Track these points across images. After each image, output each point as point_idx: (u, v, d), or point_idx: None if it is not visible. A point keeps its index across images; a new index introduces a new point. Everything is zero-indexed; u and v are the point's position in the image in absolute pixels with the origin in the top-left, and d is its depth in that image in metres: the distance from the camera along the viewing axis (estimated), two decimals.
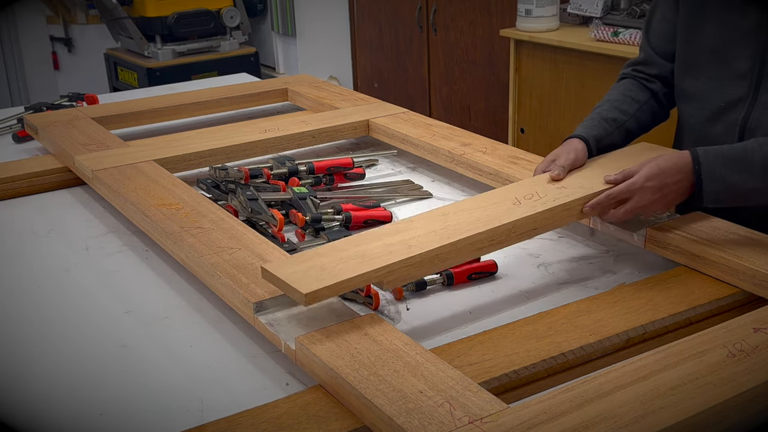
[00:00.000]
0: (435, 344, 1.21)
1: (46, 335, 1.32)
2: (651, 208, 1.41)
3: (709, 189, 1.37)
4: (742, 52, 1.50)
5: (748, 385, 1.02)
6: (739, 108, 1.52)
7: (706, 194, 1.38)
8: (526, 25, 3.39)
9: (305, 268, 1.20)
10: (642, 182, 1.39)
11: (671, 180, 1.38)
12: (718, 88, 1.55)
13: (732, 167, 1.37)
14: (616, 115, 1.64)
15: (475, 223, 1.32)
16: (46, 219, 1.76)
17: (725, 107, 1.54)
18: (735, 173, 1.37)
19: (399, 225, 1.33)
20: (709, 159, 1.38)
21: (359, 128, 2.13)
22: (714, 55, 1.55)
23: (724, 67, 1.54)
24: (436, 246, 1.26)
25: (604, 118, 1.63)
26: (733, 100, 1.53)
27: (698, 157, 1.38)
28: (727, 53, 1.52)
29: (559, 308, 1.29)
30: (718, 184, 1.37)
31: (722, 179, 1.37)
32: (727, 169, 1.37)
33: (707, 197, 1.38)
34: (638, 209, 1.40)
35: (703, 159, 1.38)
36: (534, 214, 1.35)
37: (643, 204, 1.40)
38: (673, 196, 1.39)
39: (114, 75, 5.20)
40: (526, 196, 1.40)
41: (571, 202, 1.39)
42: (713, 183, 1.37)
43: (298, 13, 5.30)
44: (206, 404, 1.12)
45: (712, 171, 1.37)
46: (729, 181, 1.37)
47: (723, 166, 1.37)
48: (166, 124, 2.32)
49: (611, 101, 1.67)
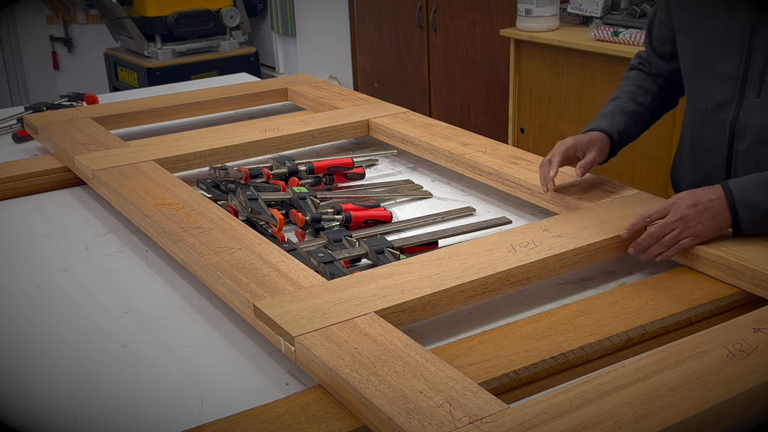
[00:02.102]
0: (435, 344, 1.21)
1: (46, 335, 1.32)
2: (687, 224, 1.37)
3: (745, 216, 1.37)
4: (727, 55, 1.51)
5: (748, 385, 1.02)
6: (727, 109, 1.53)
7: (744, 222, 1.37)
8: (526, 24, 3.39)
9: (298, 309, 1.21)
10: (674, 200, 1.39)
11: (705, 199, 1.37)
12: (705, 91, 1.56)
13: (763, 192, 1.37)
14: (635, 107, 1.67)
15: (469, 270, 1.32)
16: (46, 219, 1.76)
17: (713, 109, 1.55)
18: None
19: (395, 267, 1.33)
20: (740, 188, 1.38)
21: (359, 128, 2.13)
22: (701, 58, 1.56)
23: (710, 69, 1.55)
24: (428, 293, 1.26)
25: (624, 111, 1.66)
26: (720, 102, 1.54)
27: (729, 187, 1.38)
28: (714, 56, 1.53)
29: (559, 308, 1.29)
30: (753, 211, 1.37)
31: (756, 206, 1.37)
32: (759, 195, 1.37)
33: (745, 225, 1.37)
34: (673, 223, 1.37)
35: (734, 188, 1.38)
36: (528, 264, 1.35)
37: (678, 217, 1.37)
38: (709, 217, 1.37)
39: (114, 75, 5.20)
40: (521, 244, 1.40)
41: (565, 253, 1.39)
42: (748, 210, 1.37)
43: (298, 13, 5.30)
44: (206, 404, 1.12)
45: (745, 198, 1.37)
46: (763, 207, 1.36)
47: (755, 193, 1.37)
48: (166, 124, 2.32)
49: (627, 93, 1.70)
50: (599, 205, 1.56)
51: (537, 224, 1.49)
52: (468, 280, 1.29)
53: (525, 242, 1.41)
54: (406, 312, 1.24)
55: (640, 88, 1.71)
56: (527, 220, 1.68)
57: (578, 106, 3.28)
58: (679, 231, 1.37)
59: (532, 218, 1.69)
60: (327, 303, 1.22)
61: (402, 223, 1.65)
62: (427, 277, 1.30)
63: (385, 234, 1.59)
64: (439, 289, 1.27)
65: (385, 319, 1.19)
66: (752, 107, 1.49)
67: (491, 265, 1.34)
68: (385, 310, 1.21)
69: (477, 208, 1.73)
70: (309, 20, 5.28)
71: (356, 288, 1.27)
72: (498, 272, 1.32)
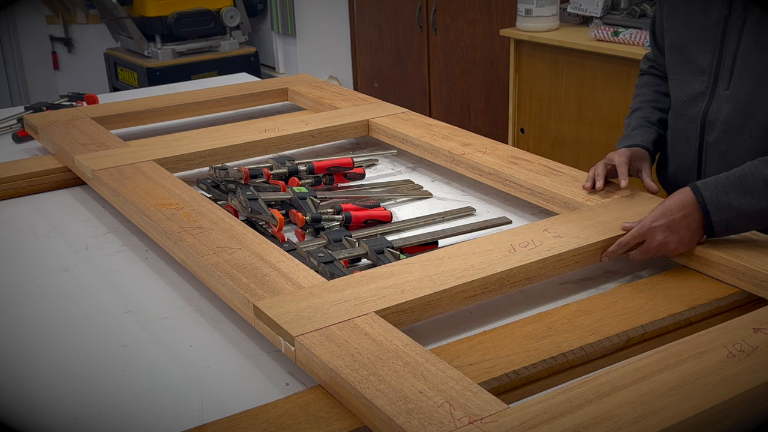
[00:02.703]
0: (435, 344, 1.21)
1: (46, 335, 1.32)
2: (667, 247, 1.38)
3: (718, 219, 1.37)
4: (703, 48, 1.55)
5: (748, 385, 1.02)
6: (699, 102, 1.57)
7: (716, 224, 1.37)
8: (526, 24, 3.39)
9: (298, 309, 1.21)
10: (649, 223, 1.39)
11: (679, 215, 1.37)
12: (682, 83, 1.61)
13: (734, 193, 1.37)
14: (660, 115, 1.71)
15: (469, 270, 1.32)
16: (46, 219, 1.76)
17: (688, 101, 1.60)
18: (739, 197, 1.36)
19: (395, 267, 1.33)
20: (710, 189, 1.37)
21: (359, 128, 2.13)
22: (679, 51, 1.60)
23: (687, 62, 1.59)
24: (427, 293, 1.26)
25: (652, 122, 1.70)
26: (694, 94, 1.58)
27: (699, 190, 1.38)
28: (691, 49, 1.58)
29: (559, 308, 1.29)
30: (725, 213, 1.37)
31: (728, 207, 1.36)
32: (730, 196, 1.37)
33: (718, 227, 1.37)
34: (653, 249, 1.38)
35: (704, 190, 1.38)
36: (528, 264, 1.35)
37: (656, 244, 1.38)
38: (685, 231, 1.37)
39: (114, 75, 5.20)
40: (521, 244, 1.40)
41: (565, 253, 1.39)
42: (720, 212, 1.37)
43: (298, 13, 5.30)
44: (206, 404, 1.12)
45: (716, 200, 1.37)
46: (735, 206, 1.36)
47: (725, 193, 1.37)
48: (166, 124, 2.32)
49: (647, 102, 1.73)
50: (599, 205, 1.56)
51: (537, 224, 1.49)
52: (468, 280, 1.29)
53: (525, 242, 1.41)
54: (406, 312, 1.24)
55: (658, 93, 1.74)
56: (527, 220, 1.68)
57: (578, 106, 3.28)
58: (661, 254, 1.39)
59: (532, 218, 1.69)
60: (327, 303, 1.22)
61: (402, 223, 1.65)
62: (427, 277, 1.30)
63: (385, 234, 1.59)
64: (439, 289, 1.27)
65: (385, 319, 1.19)
66: (722, 99, 1.54)
67: (491, 265, 1.34)
68: (385, 310, 1.21)
69: (477, 208, 1.73)
70: (309, 20, 5.28)
71: (356, 288, 1.27)
72: (498, 272, 1.32)
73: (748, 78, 1.50)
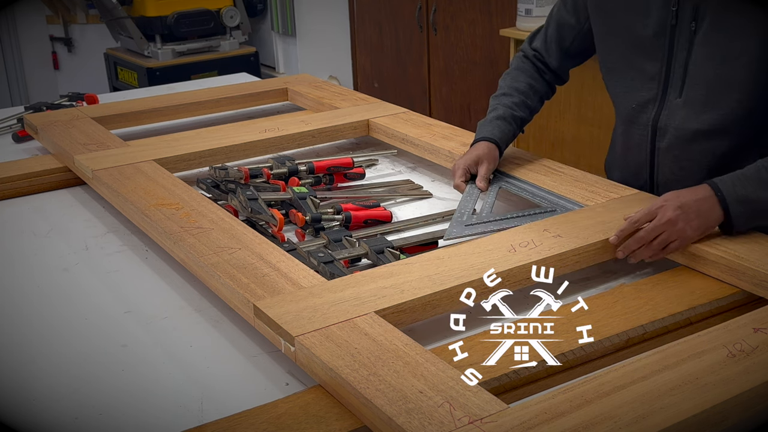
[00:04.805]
0: (435, 344, 1.21)
1: (46, 335, 1.32)
2: (674, 227, 1.36)
3: (738, 212, 1.37)
4: (649, 56, 1.55)
5: (748, 385, 1.02)
6: (649, 109, 1.58)
7: (735, 218, 1.37)
8: (526, 24, 3.39)
9: (298, 309, 1.21)
10: (662, 201, 1.39)
11: (692, 200, 1.37)
12: (631, 91, 1.61)
13: (751, 187, 1.37)
14: (525, 114, 1.76)
15: (469, 270, 1.32)
16: (46, 219, 1.76)
17: (637, 108, 1.60)
18: (757, 191, 1.37)
19: (395, 267, 1.33)
20: (727, 184, 1.38)
21: (359, 128, 2.13)
22: (625, 59, 1.60)
23: (635, 70, 1.59)
24: (428, 293, 1.26)
25: (515, 117, 1.74)
26: (643, 102, 1.59)
27: (717, 185, 1.38)
28: (637, 58, 1.58)
29: (559, 308, 1.29)
30: (745, 205, 1.37)
31: (746, 199, 1.37)
32: (747, 189, 1.37)
33: (737, 221, 1.37)
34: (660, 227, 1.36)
35: (721, 185, 1.38)
36: (528, 264, 1.34)
37: (665, 220, 1.36)
38: (695, 216, 1.36)
39: (114, 75, 5.20)
40: (521, 244, 1.40)
41: (565, 253, 1.39)
42: (740, 205, 1.37)
43: (298, 13, 5.29)
44: (206, 404, 1.12)
45: (734, 194, 1.37)
46: (753, 198, 1.37)
47: (743, 187, 1.37)
48: (166, 124, 2.32)
49: (519, 92, 1.77)
50: (599, 205, 1.56)
51: (537, 224, 1.49)
52: (468, 280, 1.29)
53: (525, 242, 1.41)
54: (406, 312, 1.24)
55: (531, 87, 1.78)
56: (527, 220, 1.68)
57: (578, 106, 3.28)
58: (667, 234, 1.38)
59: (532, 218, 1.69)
60: (327, 303, 1.22)
61: (402, 223, 1.65)
62: (427, 277, 1.30)
63: (385, 234, 1.59)
64: (439, 289, 1.27)
65: (385, 319, 1.19)
66: (674, 106, 1.54)
67: (491, 265, 1.34)
68: (385, 310, 1.21)
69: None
70: (309, 20, 5.28)
71: (356, 288, 1.27)
72: (498, 272, 1.32)
73: (702, 86, 1.50)
